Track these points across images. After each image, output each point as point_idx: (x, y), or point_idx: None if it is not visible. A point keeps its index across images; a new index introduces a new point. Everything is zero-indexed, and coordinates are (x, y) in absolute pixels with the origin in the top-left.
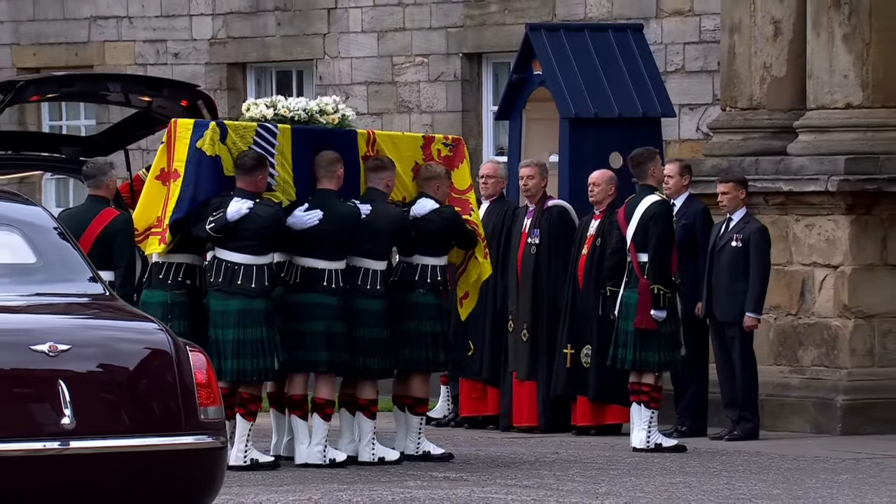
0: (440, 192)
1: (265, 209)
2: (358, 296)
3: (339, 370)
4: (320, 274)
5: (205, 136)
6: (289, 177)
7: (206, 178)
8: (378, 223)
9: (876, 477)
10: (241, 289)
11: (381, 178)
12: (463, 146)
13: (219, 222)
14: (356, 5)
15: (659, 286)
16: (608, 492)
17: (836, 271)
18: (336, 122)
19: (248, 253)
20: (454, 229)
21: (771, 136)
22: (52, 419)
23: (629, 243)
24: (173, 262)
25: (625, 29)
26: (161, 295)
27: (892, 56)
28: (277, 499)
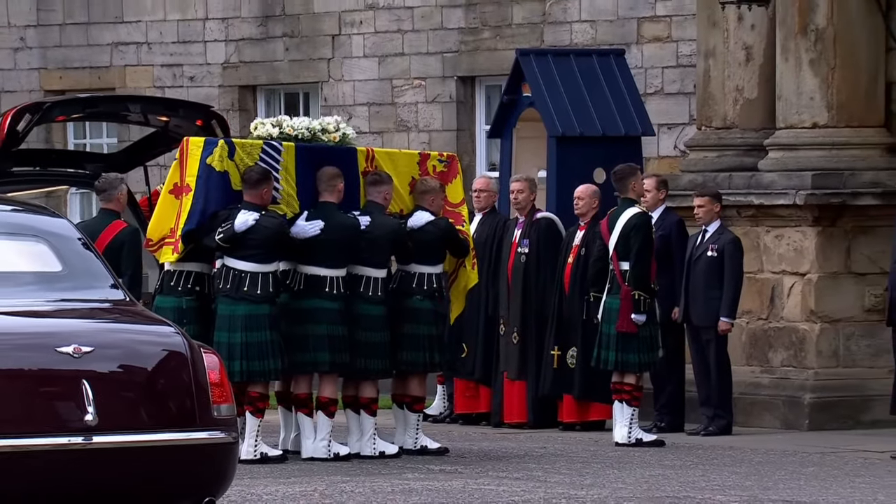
0: (435, 205)
1: (270, 220)
2: (359, 301)
3: (341, 370)
4: (323, 281)
5: (214, 152)
6: (293, 190)
7: (216, 191)
8: (377, 234)
9: (840, 469)
10: (248, 295)
11: (380, 191)
12: (456, 163)
13: (227, 233)
14: (358, 32)
15: (639, 292)
16: (592, 483)
17: (804, 279)
18: (337, 139)
19: (254, 261)
20: (448, 239)
21: (743, 154)
22: (76, 416)
23: (611, 252)
24: (184, 270)
25: (608, 54)
26: (173, 300)
27: (854, 80)
28: (285, 490)
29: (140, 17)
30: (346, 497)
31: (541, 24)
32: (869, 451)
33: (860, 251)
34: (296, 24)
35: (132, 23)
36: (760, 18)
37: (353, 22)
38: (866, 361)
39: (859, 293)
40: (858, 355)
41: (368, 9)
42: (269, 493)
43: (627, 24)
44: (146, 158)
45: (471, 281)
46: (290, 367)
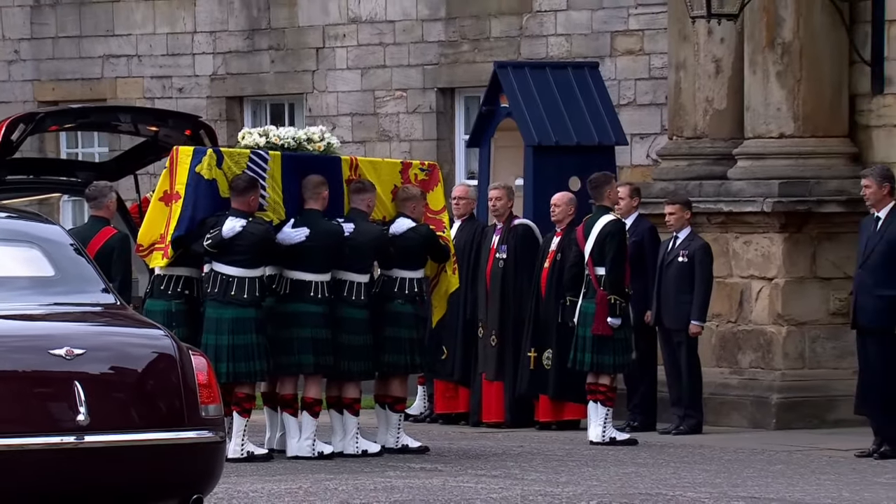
0: (416, 212)
1: (257, 227)
2: (343, 305)
3: (325, 372)
4: (308, 285)
5: (203, 161)
6: (279, 198)
7: (204, 199)
8: (360, 240)
9: (806, 467)
10: (235, 299)
11: (363, 199)
12: (437, 171)
13: (215, 239)
14: (342, 45)
15: (615, 296)
16: (568, 481)
17: (771, 283)
18: (322, 149)
19: (241, 266)
20: (429, 245)
21: (713, 163)
22: (68, 416)
23: (587, 258)
24: (174, 275)
25: (582, 66)
26: (163, 304)
27: (819, 91)
28: (271, 488)
29: (130, 31)
30: (329, 494)
31: (518, 37)
32: (833, 449)
33: (825, 257)
34: (281, 38)
35: (123, 36)
36: (729, 32)
37: (336, 35)
38: (831, 363)
39: (824, 297)
40: (823, 357)
41: (351, 23)
42: (255, 491)
43: (601, 37)
44: (136, 167)
45: (452, 285)
46: (276, 369)
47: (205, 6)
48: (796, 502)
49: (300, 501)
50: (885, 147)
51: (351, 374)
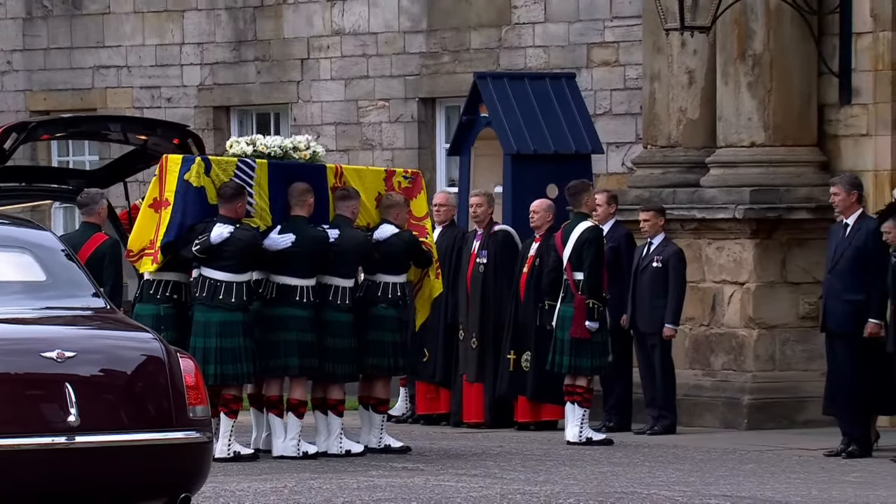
0: (399, 219)
1: (244, 233)
2: (328, 309)
3: (310, 374)
4: (293, 290)
5: (191, 169)
6: (265, 205)
7: (193, 206)
8: (345, 246)
9: (776, 466)
10: (223, 303)
11: (348, 206)
12: (421, 179)
13: (203, 244)
14: (326, 56)
15: (593, 300)
16: (545, 480)
17: (743, 288)
18: (307, 157)
19: (229, 271)
20: (412, 251)
21: (686, 171)
22: (59, 417)
23: (565, 263)
24: (162, 280)
25: (560, 77)
26: (152, 308)
27: (789, 102)
28: (257, 487)
29: (120, 42)
30: (314, 493)
31: (497, 49)
32: (803, 448)
33: (795, 262)
34: (267, 49)
35: (113, 47)
36: (702, 44)
37: (320, 47)
38: (801, 365)
39: (794, 301)
40: (793, 359)
41: (335, 34)
42: (242, 490)
43: (578, 49)
44: (126, 175)
45: (435, 290)
46: (262, 371)
47: (192, 18)
48: (767, 500)
49: (285, 500)
50: (852, 156)
51: (336, 375)
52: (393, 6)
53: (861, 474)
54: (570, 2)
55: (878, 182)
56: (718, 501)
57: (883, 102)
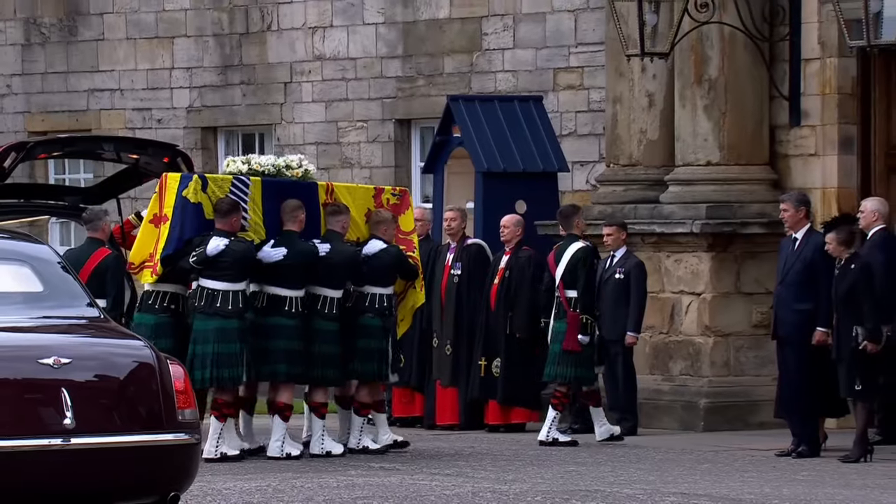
0: (387, 234)
1: (238, 245)
2: (317, 318)
3: (297, 380)
4: (283, 300)
5: (189, 186)
6: (259, 220)
7: (191, 221)
8: (335, 259)
9: (731, 465)
10: (220, 310)
11: (338, 221)
12: (408, 196)
13: (200, 256)
14: (308, 80)
15: (586, 316)
16: (515, 479)
17: (699, 298)
18: (300, 175)
19: (225, 280)
20: (399, 265)
21: (646, 188)
22: (56, 420)
23: (558, 282)
24: (160, 291)
25: (528, 100)
26: (151, 317)
27: (742, 124)
28: (242, 486)
29: (114, 67)
30: (296, 492)
31: (469, 73)
32: (756, 449)
33: (748, 274)
34: (252, 73)
35: (106, 72)
36: (661, 69)
37: (302, 71)
38: (753, 371)
39: (747, 311)
40: (747, 365)
41: (316, 60)
42: (228, 489)
43: (545, 73)
44: (119, 192)
45: (418, 301)
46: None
47: (182, 44)
48: (722, 497)
49: (269, 498)
50: (801, 174)
51: (324, 380)
52: (371, 33)
53: (810, 473)
54: (538, 29)
55: (825, 199)
56: (676, 499)
57: (830, 124)
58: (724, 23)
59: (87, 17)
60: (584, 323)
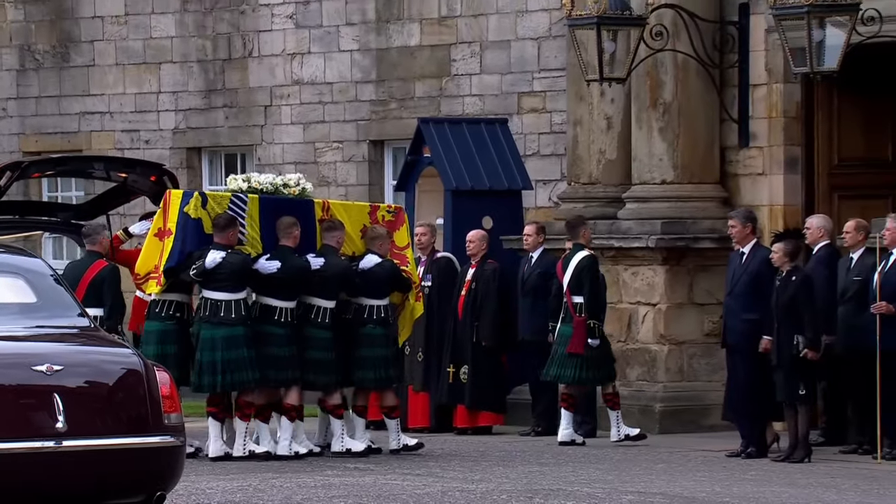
0: (382, 249)
1: (235, 257)
2: (310, 326)
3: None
4: (274, 310)
5: (190, 203)
6: (256, 234)
7: (191, 235)
8: (328, 272)
9: (684, 465)
10: (225, 319)
11: (333, 236)
12: (403, 213)
13: (199, 269)
14: (287, 104)
15: (593, 320)
16: (481, 478)
17: (655, 308)
18: (297, 193)
19: (226, 291)
20: (393, 278)
21: (605, 205)
22: (48, 424)
23: (565, 288)
24: (166, 300)
25: (494, 122)
26: (158, 325)
27: (695, 145)
28: (225, 485)
29: (103, 91)
30: (275, 491)
31: (438, 97)
32: (707, 450)
33: (700, 285)
34: (234, 97)
35: (97, 95)
36: (619, 94)
37: (282, 95)
38: (705, 376)
39: (699, 320)
40: (699, 371)
41: (295, 84)
42: (211, 488)
43: (510, 97)
44: (108, 208)
45: (417, 311)
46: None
47: (168, 70)
48: (676, 496)
49: (250, 497)
50: (749, 192)
51: (316, 384)
52: (346, 59)
53: (757, 473)
54: (503, 56)
55: (772, 215)
56: (633, 497)
57: (777, 145)
58: (678, 50)
59: (79, 44)
60: (591, 327)
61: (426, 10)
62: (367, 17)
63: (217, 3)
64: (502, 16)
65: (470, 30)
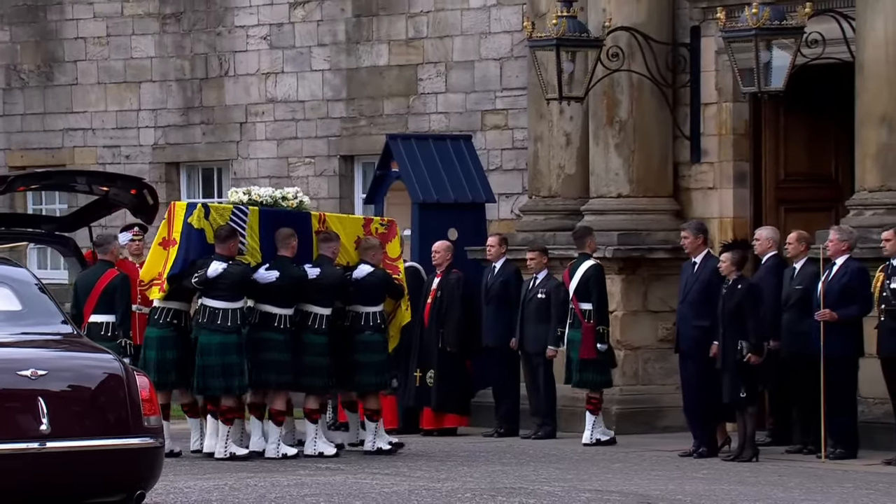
0: (375, 259)
1: (235, 268)
2: (307, 332)
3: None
4: (273, 317)
5: (193, 214)
6: (256, 245)
7: (194, 245)
8: (325, 281)
9: (639, 465)
10: (221, 326)
11: (329, 247)
12: (395, 226)
13: (201, 278)
14: (261, 120)
15: (602, 326)
16: (446, 477)
17: (612, 315)
18: (294, 206)
19: (224, 300)
20: (385, 285)
21: (565, 217)
22: (33, 426)
23: (572, 295)
24: (166, 308)
25: (458, 138)
26: (157, 331)
27: (649, 160)
28: (202, 484)
29: (86, 108)
30: (250, 490)
31: (406, 114)
32: (661, 450)
33: (655, 294)
34: (211, 114)
35: (80, 113)
36: (577, 111)
37: (256, 112)
38: (659, 380)
39: (654, 327)
40: (654, 375)
41: (269, 102)
42: (189, 487)
43: (474, 115)
44: (91, 220)
45: (405, 319)
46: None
47: (147, 88)
48: (632, 493)
49: (226, 496)
50: (701, 205)
51: (313, 388)
52: (318, 78)
53: (709, 472)
54: (467, 75)
55: (722, 227)
56: (591, 495)
57: (726, 161)
58: (633, 71)
59: (63, 63)
60: (599, 333)
61: (394, 32)
62: (338, 38)
63: (194, 25)
64: (466, 37)
65: (436, 50)
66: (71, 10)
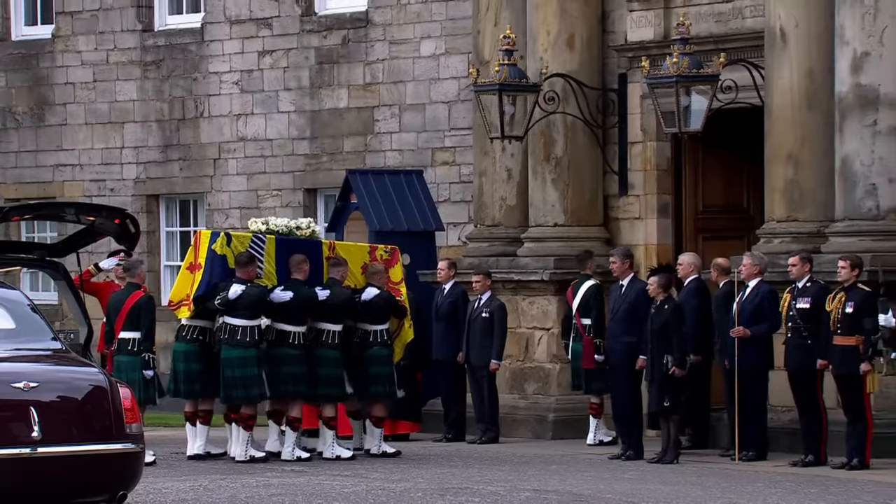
0: (380, 282)
1: (254, 290)
2: (321, 347)
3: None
4: (288, 335)
5: (217, 241)
6: (272, 269)
7: (217, 269)
8: (335, 301)
9: (574, 467)
10: (240, 342)
11: (338, 271)
12: (398, 253)
13: (223, 300)
14: (233, 157)
15: (600, 339)
16: (401, 478)
17: (549, 332)
18: (307, 234)
19: (244, 318)
20: (390, 306)
21: (506, 244)
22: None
23: (574, 312)
24: (193, 325)
25: (411, 173)
26: (184, 346)
27: (582, 193)
28: (178, 486)
29: (74, 146)
30: (222, 490)
31: (364, 152)
32: (593, 454)
33: None
34: (188, 151)
35: (69, 150)
36: (518, 149)
37: (229, 149)
38: None
39: None
40: None
41: (240, 140)
42: (167, 488)
43: (425, 152)
44: (78, 247)
45: (408, 337)
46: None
47: (130, 128)
48: (567, 492)
49: (200, 496)
50: (628, 234)
51: (328, 397)
52: (284, 119)
53: (636, 473)
54: (419, 116)
55: (647, 253)
56: (531, 494)
57: (651, 194)
58: (567, 113)
59: (53, 106)
60: (597, 345)
61: (353, 78)
62: (303, 83)
63: (173, 71)
64: (418, 83)
65: (390, 94)
66: (61, 58)
